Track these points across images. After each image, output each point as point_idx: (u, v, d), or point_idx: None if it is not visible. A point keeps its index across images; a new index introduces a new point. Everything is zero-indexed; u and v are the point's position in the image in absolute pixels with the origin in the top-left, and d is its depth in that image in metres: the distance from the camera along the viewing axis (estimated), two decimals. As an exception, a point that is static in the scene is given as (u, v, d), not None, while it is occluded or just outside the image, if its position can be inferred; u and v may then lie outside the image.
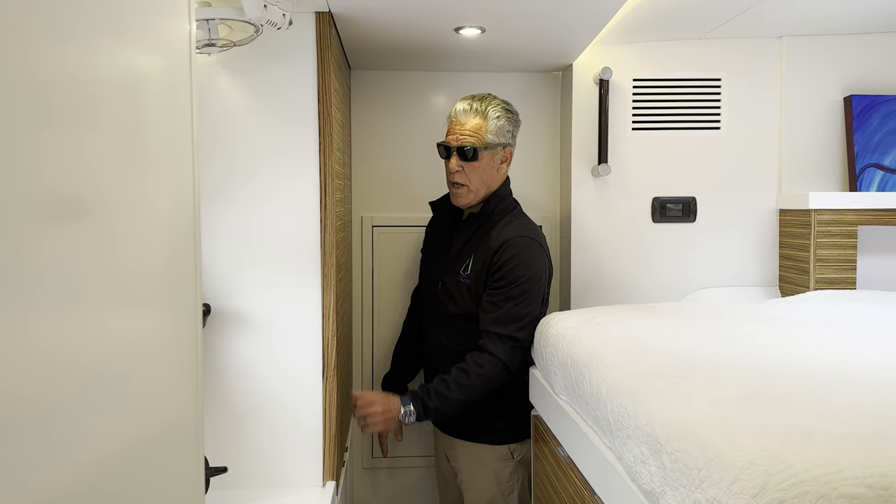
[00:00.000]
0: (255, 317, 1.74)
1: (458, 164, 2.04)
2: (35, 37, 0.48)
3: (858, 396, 1.13)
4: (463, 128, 2.05)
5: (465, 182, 2.06)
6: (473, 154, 2.03)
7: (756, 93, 2.50)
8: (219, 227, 1.72)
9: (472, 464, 2.15)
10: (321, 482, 1.79)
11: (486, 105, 2.06)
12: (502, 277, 2.00)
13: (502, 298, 1.99)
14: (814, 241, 2.33)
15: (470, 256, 2.09)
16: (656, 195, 2.51)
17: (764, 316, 1.85)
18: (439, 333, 2.17)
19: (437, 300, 2.17)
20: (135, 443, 0.66)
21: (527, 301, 2.00)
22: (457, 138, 2.05)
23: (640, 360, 1.42)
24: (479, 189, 2.08)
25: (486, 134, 2.04)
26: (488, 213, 2.11)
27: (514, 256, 2.00)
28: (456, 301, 2.11)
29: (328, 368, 1.78)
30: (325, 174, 1.74)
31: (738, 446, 0.95)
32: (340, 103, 1.92)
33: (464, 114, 2.06)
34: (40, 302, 0.49)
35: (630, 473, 1.21)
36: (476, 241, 2.10)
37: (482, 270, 2.05)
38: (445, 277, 2.15)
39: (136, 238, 0.68)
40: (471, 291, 2.07)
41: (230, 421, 1.75)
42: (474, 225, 2.13)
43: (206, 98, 1.71)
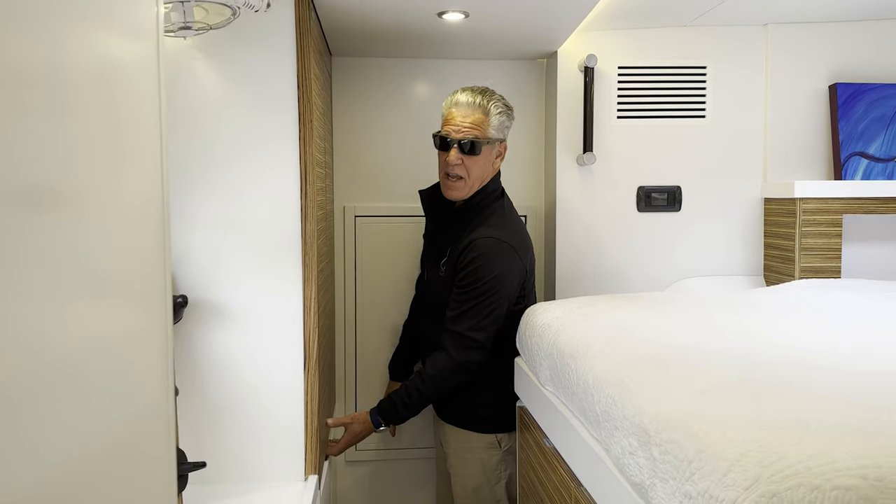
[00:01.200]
0: (235, 308, 1.70)
1: (458, 157, 2.00)
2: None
3: (848, 385, 1.11)
4: (465, 120, 2.01)
5: (464, 175, 2.02)
6: (475, 148, 2.00)
7: (741, 81, 2.48)
8: (197, 217, 1.68)
9: (460, 450, 2.15)
10: (303, 476, 1.75)
11: (489, 100, 2.02)
12: (465, 277, 1.98)
13: (464, 298, 1.98)
14: (799, 230, 2.31)
15: (447, 250, 2.08)
16: (641, 184, 2.49)
17: (750, 305, 1.84)
18: (427, 320, 2.19)
19: (425, 289, 2.21)
20: (102, 439, 0.63)
21: (487, 302, 1.96)
22: (458, 130, 2.01)
23: (628, 350, 1.39)
24: (474, 183, 2.05)
25: (487, 128, 2.01)
26: (473, 207, 2.08)
27: (476, 258, 1.97)
28: (435, 292, 2.12)
29: (309, 361, 1.74)
30: (306, 162, 1.70)
31: (729, 437, 0.92)
32: (321, 90, 1.87)
33: (466, 106, 2.01)
34: (3, 295, 0.45)
35: (618, 465, 1.18)
36: (454, 235, 2.07)
37: (452, 267, 2.04)
38: (431, 268, 2.16)
39: (102, 229, 0.65)
40: (446, 285, 2.06)
41: (210, 414, 1.71)
42: (457, 218, 2.11)
43: (182, 83, 1.66)
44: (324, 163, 1.98)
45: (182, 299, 1.62)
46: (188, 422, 1.67)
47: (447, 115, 2.05)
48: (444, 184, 2.07)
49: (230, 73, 1.68)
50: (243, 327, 1.70)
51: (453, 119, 2.02)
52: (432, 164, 2.15)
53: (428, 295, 2.19)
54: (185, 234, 1.67)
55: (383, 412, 2.06)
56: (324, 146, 2.03)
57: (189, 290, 1.69)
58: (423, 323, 2.24)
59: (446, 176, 2.04)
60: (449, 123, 2.03)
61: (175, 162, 1.65)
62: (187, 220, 1.67)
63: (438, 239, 2.14)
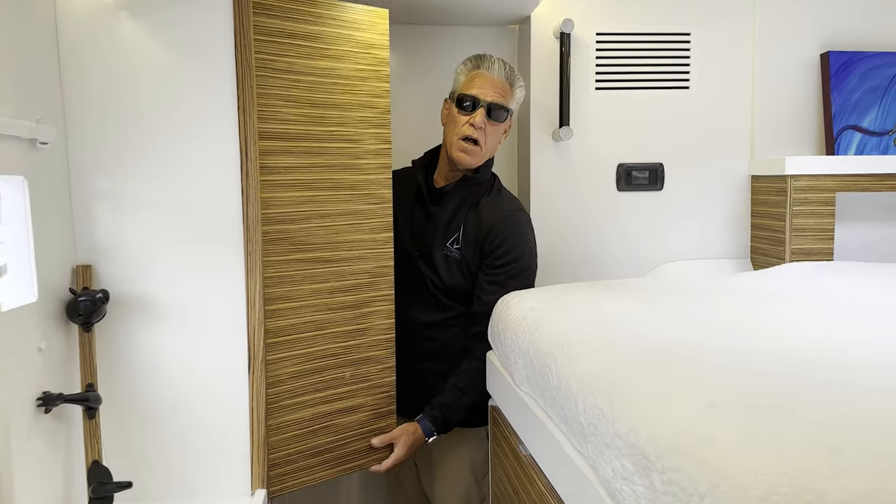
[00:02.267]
0: (168, 303, 1.49)
1: (483, 121, 1.85)
2: None
3: (880, 394, 0.94)
4: (495, 85, 1.88)
5: (483, 142, 1.88)
6: (503, 116, 1.90)
7: (728, 49, 2.31)
8: (125, 200, 1.46)
9: (446, 450, 1.98)
10: (249, 491, 1.56)
11: (513, 73, 1.93)
12: (504, 255, 1.89)
13: (505, 277, 1.87)
14: (790, 209, 2.16)
15: (459, 229, 1.91)
16: (621, 161, 2.31)
17: (744, 292, 1.67)
18: (414, 308, 1.96)
19: (413, 273, 1.96)
20: None
21: (528, 275, 1.92)
22: (489, 94, 1.87)
23: (614, 349, 1.21)
24: (486, 154, 1.92)
25: (511, 100, 1.92)
26: (478, 182, 1.94)
27: (513, 234, 1.90)
28: (441, 274, 1.93)
29: (255, 362, 1.54)
30: (246, 136, 1.49)
31: (751, 468, 0.74)
32: (282, 50, 1.63)
33: (498, 72, 1.90)
34: None
35: (608, 489, 1.00)
36: (466, 212, 1.93)
37: (474, 245, 1.89)
38: (427, 251, 1.94)
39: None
40: (460, 266, 1.91)
41: (140, 424, 1.50)
42: (461, 193, 1.94)
43: (100, 47, 1.43)
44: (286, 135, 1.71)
45: (102, 294, 1.41)
46: (114, 434, 1.48)
47: (472, 77, 1.90)
48: (459, 147, 1.88)
49: (158, 33, 1.45)
50: (177, 325, 1.50)
51: (483, 82, 1.88)
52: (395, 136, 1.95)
53: (419, 281, 1.95)
54: (112, 217, 1.46)
55: (437, 420, 1.86)
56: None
57: (115, 284, 1.47)
58: (407, 315, 1.96)
59: (464, 140, 1.87)
60: (477, 86, 1.88)
61: (96, 136, 1.44)
62: (116, 201, 1.46)
63: (436, 218, 1.94)
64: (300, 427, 1.66)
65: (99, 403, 1.41)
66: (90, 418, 1.40)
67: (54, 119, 1.39)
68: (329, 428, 1.72)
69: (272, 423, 1.58)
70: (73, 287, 1.43)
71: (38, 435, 1.30)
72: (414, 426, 1.86)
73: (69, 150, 1.44)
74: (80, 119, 1.43)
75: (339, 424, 1.74)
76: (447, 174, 1.96)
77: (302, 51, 1.59)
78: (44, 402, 1.30)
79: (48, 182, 1.36)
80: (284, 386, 1.62)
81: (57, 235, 1.40)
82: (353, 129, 1.70)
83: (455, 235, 1.92)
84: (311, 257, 1.64)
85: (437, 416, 1.86)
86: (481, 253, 1.90)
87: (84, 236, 1.45)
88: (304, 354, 1.65)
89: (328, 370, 1.70)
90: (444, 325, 1.95)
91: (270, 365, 1.57)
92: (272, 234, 1.56)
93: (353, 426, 1.77)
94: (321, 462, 1.71)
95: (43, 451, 1.32)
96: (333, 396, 1.72)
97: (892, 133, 2.26)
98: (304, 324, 1.65)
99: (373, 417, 1.81)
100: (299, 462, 1.66)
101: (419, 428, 1.86)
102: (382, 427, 1.83)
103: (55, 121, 1.39)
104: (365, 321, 1.77)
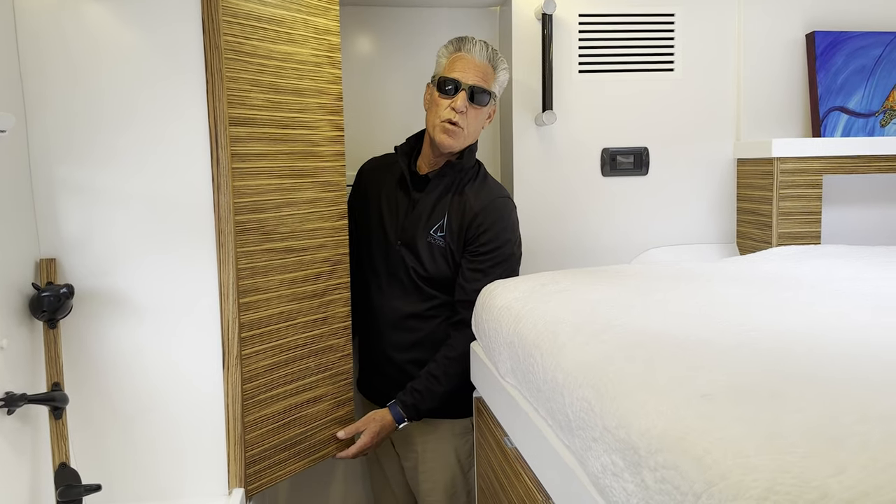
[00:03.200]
0: (136, 297, 1.43)
1: (465, 105, 1.80)
2: None
3: (881, 383, 0.90)
4: (478, 69, 1.83)
5: (465, 125, 1.82)
6: (484, 99, 1.84)
7: (712, 30, 2.27)
8: (91, 188, 1.39)
9: (430, 443, 1.94)
10: (226, 490, 1.50)
11: (496, 56, 1.87)
12: (488, 242, 1.85)
13: (490, 264, 1.83)
14: (776, 193, 2.12)
15: (443, 217, 1.86)
16: (605, 146, 2.27)
17: (732, 278, 1.63)
18: (394, 298, 1.91)
19: (395, 262, 1.91)
20: None
21: (514, 262, 1.89)
22: (470, 77, 1.82)
23: (601, 338, 1.17)
24: (467, 138, 1.86)
25: (493, 83, 1.87)
26: (463, 168, 1.89)
27: (498, 220, 1.86)
28: (424, 263, 1.87)
29: (229, 357, 1.48)
30: (216, 120, 1.42)
31: (749, 465, 0.70)
32: (248, 33, 1.56)
33: (479, 55, 1.84)
34: None
35: (597, 486, 0.96)
36: (451, 199, 1.88)
37: (458, 233, 1.85)
38: (410, 239, 1.88)
39: None
40: (444, 253, 1.86)
41: (109, 424, 1.44)
42: (445, 180, 1.89)
43: (62, 28, 1.36)
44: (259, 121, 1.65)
45: (67, 289, 1.34)
46: (83, 435, 1.42)
47: (454, 60, 1.85)
48: (441, 130, 1.83)
49: (121, 15, 1.38)
50: (147, 320, 1.44)
51: (465, 65, 1.83)
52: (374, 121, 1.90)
53: (400, 268, 1.90)
54: (80, 211, 1.40)
55: (407, 406, 1.83)
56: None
57: (81, 278, 1.41)
58: (386, 303, 1.93)
59: (445, 123, 1.82)
60: (458, 70, 1.83)
61: (58, 125, 1.37)
62: (84, 193, 1.39)
63: (419, 206, 1.89)
64: (275, 421, 1.60)
65: (66, 403, 1.35)
66: (57, 419, 1.34)
67: (13, 107, 1.32)
68: (298, 419, 1.68)
69: (248, 420, 1.53)
70: (37, 282, 1.36)
71: (1, 437, 1.24)
72: (383, 412, 1.84)
73: (30, 139, 1.37)
74: (42, 107, 1.37)
75: (307, 415, 1.70)
76: (430, 160, 1.91)
77: (266, 34, 1.53)
78: (6, 403, 1.24)
79: (7, 172, 1.30)
80: (260, 380, 1.56)
81: (18, 228, 1.33)
82: (311, 115, 1.65)
83: (439, 223, 1.86)
84: (281, 247, 1.59)
85: (407, 403, 1.83)
86: (465, 240, 1.85)
87: (47, 229, 1.39)
88: (277, 346, 1.60)
89: (297, 361, 1.66)
90: (426, 316, 1.90)
91: (246, 359, 1.52)
92: (244, 223, 1.50)
93: (318, 416, 1.73)
94: (292, 455, 1.67)
95: (7, 454, 1.26)
96: (302, 387, 1.68)
97: (879, 114, 2.23)
98: (276, 315, 1.59)
99: (334, 406, 1.78)
100: (273, 457, 1.61)
101: (388, 414, 1.83)
102: (342, 415, 1.80)
103: (14, 108, 1.32)
104: (326, 310, 1.73)
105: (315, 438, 1.73)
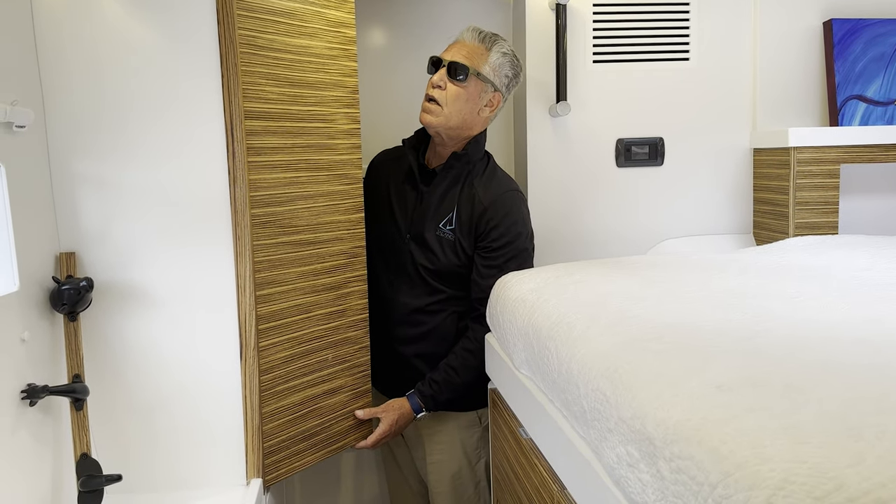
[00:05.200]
0: (155, 290, 1.45)
1: (441, 80, 1.81)
2: None
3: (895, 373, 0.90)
4: (464, 48, 1.84)
5: (443, 103, 1.82)
6: (460, 73, 1.81)
7: (728, 18, 2.25)
8: (109, 182, 1.41)
9: (437, 434, 1.95)
10: (244, 480, 1.52)
11: (494, 39, 1.86)
12: (500, 237, 1.84)
13: (504, 259, 1.83)
14: (793, 183, 2.11)
15: (452, 210, 1.86)
16: (620, 136, 2.26)
17: (747, 269, 1.63)
18: (401, 292, 1.91)
19: (403, 256, 1.91)
20: None
21: (527, 256, 1.88)
22: (452, 54, 1.84)
23: (616, 329, 1.17)
24: (450, 117, 1.83)
25: (483, 64, 1.84)
26: (470, 160, 1.88)
27: (509, 213, 1.85)
28: (433, 257, 1.87)
29: (247, 349, 1.49)
30: (232, 114, 1.43)
31: (766, 455, 0.70)
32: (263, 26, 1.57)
33: (469, 35, 1.85)
34: None
35: (612, 476, 0.97)
36: (459, 192, 1.87)
37: (469, 226, 1.85)
38: (419, 232, 1.88)
39: None
40: (454, 247, 1.86)
41: (130, 415, 1.46)
42: (453, 173, 1.88)
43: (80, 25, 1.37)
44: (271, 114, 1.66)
45: (87, 282, 1.36)
46: (105, 425, 1.44)
47: (449, 46, 1.88)
48: (422, 109, 1.85)
49: (137, 7, 1.39)
50: (165, 313, 1.45)
51: (453, 46, 1.86)
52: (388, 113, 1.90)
53: (409, 263, 1.90)
54: (99, 205, 1.41)
55: (425, 397, 1.84)
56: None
57: (100, 271, 1.43)
58: (394, 297, 1.93)
59: (426, 101, 1.84)
60: (446, 51, 1.86)
61: (76, 119, 1.39)
62: (105, 188, 1.41)
63: (427, 199, 1.89)
64: (291, 412, 1.62)
65: (86, 395, 1.37)
66: (78, 410, 1.36)
67: (31, 102, 1.34)
68: (315, 411, 1.69)
69: (266, 411, 1.54)
70: (57, 275, 1.38)
71: (24, 428, 1.26)
72: (402, 402, 1.85)
73: (49, 133, 1.38)
74: (60, 101, 1.38)
75: (324, 407, 1.71)
76: (435, 151, 1.92)
77: (281, 27, 1.53)
78: (28, 395, 1.26)
79: (27, 167, 1.31)
80: (277, 372, 1.57)
81: (38, 222, 1.35)
82: (327, 108, 1.66)
83: (448, 216, 1.86)
84: (297, 240, 1.60)
85: (426, 393, 1.84)
86: (476, 235, 1.85)
87: (67, 223, 1.41)
88: (293, 339, 1.61)
89: (314, 353, 1.67)
90: (432, 310, 1.90)
91: (263, 351, 1.53)
92: (260, 216, 1.51)
93: (336, 407, 1.75)
94: (310, 446, 1.68)
95: (29, 444, 1.28)
96: (319, 379, 1.69)
97: (898, 102, 2.20)
98: (293, 308, 1.60)
99: (352, 397, 1.79)
100: (291, 448, 1.63)
101: (407, 403, 1.85)
102: (360, 406, 1.82)
103: (32, 104, 1.34)
104: (343, 302, 1.74)
105: (333, 430, 1.74)
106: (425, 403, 1.84)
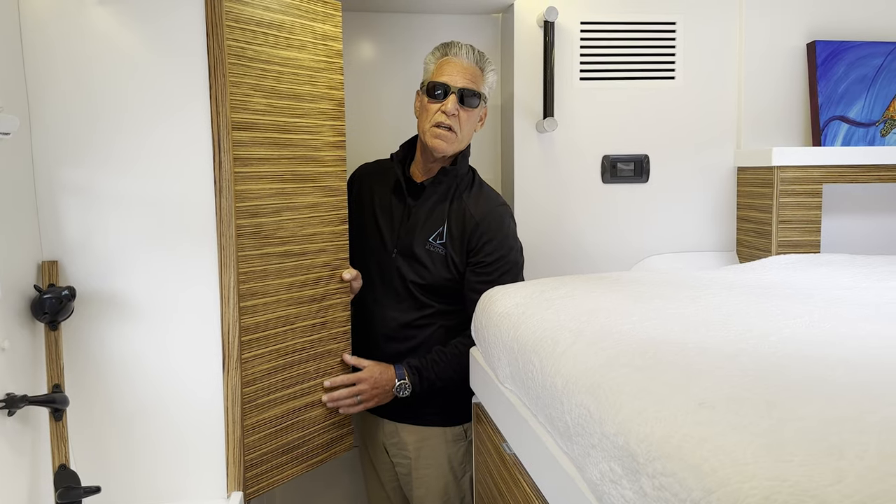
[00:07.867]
0: (138, 300, 1.43)
1: (455, 107, 1.80)
2: None
3: (880, 392, 0.90)
4: (465, 71, 1.83)
5: (457, 129, 1.83)
6: (474, 100, 1.83)
7: (713, 38, 2.28)
8: (94, 191, 1.40)
9: (423, 450, 1.94)
10: (225, 493, 1.50)
11: (483, 57, 1.88)
12: (493, 251, 1.86)
13: (498, 274, 1.85)
14: (776, 201, 2.13)
15: (442, 224, 1.86)
16: (606, 153, 2.28)
17: (732, 287, 1.64)
18: (389, 308, 1.91)
19: (390, 271, 1.90)
20: None
21: (519, 270, 1.90)
22: (458, 80, 1.83)
23: (600, 345, 1.17)
24: (462, 141, 1.86)
25: (483, 85, 1.88)
26: (457, 175, 1.89)
27: (500, 228, 1.87)
28: (423, 271, 1.87)
29: (230, 361, 1.48)
30: (219, 125, 1.43)
31: (748, 473, 0.70)
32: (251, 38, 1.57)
33: (466, 58, 1.85)
34: None
35: (595, 492, 0.96)
36: (449, 206, 1.88)
37: (460, 241, 1.85)
38: (407, 247, 1.88)
39: None
40: (444, 261, 1.86)
41: (110, 426, 1.44)
42: (441, 188, 1.89)
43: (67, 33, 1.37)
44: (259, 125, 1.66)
45: (69, 291, 1.35)
46: (83, 436, 1.42)
47: (441, 65, 1.86)
48: (433, 134, 1.83)
49: (126, 18, 1.39)
50: (148, 323, 1.44)
51: (453, 69, 1.83)
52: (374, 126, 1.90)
53: (397, 278, 1.89)
54: (83, 214, 1.40)
55: (411, 367, 1.83)
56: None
57: (83, 280, 1.41)
58: (381, 312, 1.91)
59: (437, 127, 1.82)
60: (446, 73, 1.83)
61: (61, 127, 1.38)
62: (86, 196, 1.40)
63: (416, 213, 1.88)
64: (274, 425, 1.61)
65: (66, 405, 1.35)
66: (57, 420, 1.34)
67: (16, 109, 1.33)
68: (297, 424, 1.68)
69: (247, 423, 1.53)
70: (39, 284, 1.37)
71: (1, 438, 1.25)
72: (387, 365, 1.84)
73: (33, 141, 1.37)
74: (45, 109, 1.37)
75: (305, 420, 1.70)
76: (424, 167, 1.92)
77: (269, 39, 1.54)
78: (7, 405, 1.24)
79: (10, 175, 1.30)
80: (259, 384, 1.56)
81: (21, 230, 1.33)
82: (313, 120, 1.67)
83: (438, 230, 1.86)
84: (282, 251, 1.60)
85: (412, 363, 1.84)
86: (468, 250, 1.85)
87: (50, 231, 1.39)
88: (276, 350, 1.60)
89: (295, 365, 1.66)
90: (421, 324, 1.89)
91: (246, 363, 1.52)
92: (246, 227, 1.51)
93: (318, 420, 1.74)
94: (291, 459, 1.67)
95: (7, 454, 1.26)
96: (300, 392, 1.69)
97: (879, 124, 2.24)
98: (276, 319, 1.60)
99: (334, 411, 1.78)
100: (272, 461, 1.61)
101: (392, 367, 1.84)
102: (341, 420, 1.80)
103: (18, 111, 1.33)
104: (326, 314, 1.74)
105: (314, 443, 1.73)
106: (409, 372, 1.83)
